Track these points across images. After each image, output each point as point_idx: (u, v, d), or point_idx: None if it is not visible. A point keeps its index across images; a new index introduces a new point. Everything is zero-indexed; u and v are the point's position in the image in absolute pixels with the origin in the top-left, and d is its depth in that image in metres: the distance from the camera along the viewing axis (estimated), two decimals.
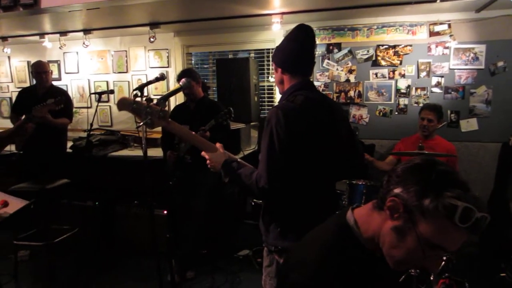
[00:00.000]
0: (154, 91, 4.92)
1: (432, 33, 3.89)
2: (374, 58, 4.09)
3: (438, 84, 3.94)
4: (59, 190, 3.53)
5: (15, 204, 1.79)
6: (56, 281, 3.40)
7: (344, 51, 4.18)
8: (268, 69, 4.60)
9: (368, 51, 4.10)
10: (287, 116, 1.54)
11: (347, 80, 4.22)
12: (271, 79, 4.59)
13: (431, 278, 2.45)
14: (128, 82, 5.10)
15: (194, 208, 3.38)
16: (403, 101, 4.06)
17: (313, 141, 1.60)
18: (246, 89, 4.12)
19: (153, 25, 4.24)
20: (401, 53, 3.99)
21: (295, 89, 1.66)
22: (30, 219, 3.67)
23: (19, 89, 4.34)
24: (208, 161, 1.71)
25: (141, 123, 1.71)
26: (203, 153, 1.72)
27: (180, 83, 1.94)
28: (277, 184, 1.53)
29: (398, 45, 3.99)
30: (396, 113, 4.09)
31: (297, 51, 1.67)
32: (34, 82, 4.14)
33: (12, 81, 5.80)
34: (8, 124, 5.01)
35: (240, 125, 4.08)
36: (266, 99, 4.68)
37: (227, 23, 4.25)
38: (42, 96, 3.83)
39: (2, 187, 2.15)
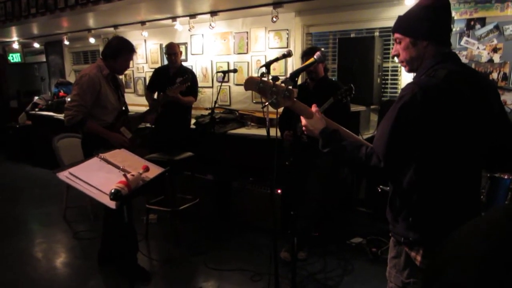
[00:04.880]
0: (272, 72, 4.96)
1: None
2: None
3: None
4: (184, 162, 3.82)
5: (154, 170, 1.95)
6: (179, 244, 3.71)
7: (489, 27, 3.64)
8: None
9: None
10: (426, 94, 1.33)
11: (490, 60, 3.68)
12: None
13: None
14: (248, 63, 5.23)
15: (309, 190, 3.35)
16: None
17: (456, 123, 1.38)
18: (369, 70, 3.89)
19: (277, 4, 4.23)
20: None
21: (437, 62, 1.44)
22: (159, 186, 4.07)
23: (152, 69, 4.75)
24: (304, 128, 1.63)
25: (266, 103, 1.67)
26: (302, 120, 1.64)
27: (315, 56, 1.87)
28: (393, 165, 1.37)
29: None
30: None
31: (440, 15, 1.44)
32: (166, 62, 4.50)
33: (146, 62, 6.42)
34: (142, 101, 5.60)
35: (361, 108, 3.89)
36: (389, 82, 4.37)
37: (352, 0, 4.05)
38: (172, 76, 4.16)
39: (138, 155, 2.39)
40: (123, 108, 3.19)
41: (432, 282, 1.02)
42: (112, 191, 1.52)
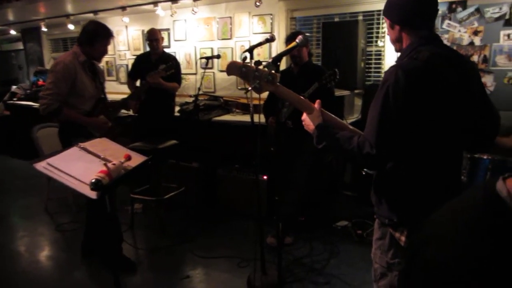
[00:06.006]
0: (256, 57, 4.92)
1: None
2: (507, 17, 3.51)
3: None
4: (169, 150, 3.78)
5: (137, 159, 1.92)
6: (165, 233, 3.69)
7: (470, 10, 3.65)
8: (377, 32, 4.26)
9: (501, 9, 3.52)
10: (409, 76, 1.33)
11: (471, 43, 3.71)
12: (380, 43, 4.25)
13: None
14: (232, 48, 5.17)
15: (295, 176, 3.35)
16: None
17: (440, 104, 1.38)
18: (352, 54, 3.88)
19: None
20: None
21: (419, 44, 1.44)
22: (143, 176, 4.02)
23: (135, 57, 4.66)
24: (303, 122, 1.63)
25: (249, 88, 1.65)
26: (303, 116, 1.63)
27: (297, 40, 1.84)
28: (385, 151, 1.37)
29: None
30: None
31: (410, 1, 1.45)
32: (148, 49, 4.41)
33: (128, 49, 6.29)
34: (125, 89, 5.49)
35: (345, 92, 3.89)
36: (373, 66, 4.37)
37: None
38: (155, 62, 4.08)
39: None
40: (102, 96, 3.11)
41: (412, 259, 1.03)
42: (93, 181, 1.49)
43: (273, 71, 1.63)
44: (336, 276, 2.92)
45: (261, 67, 1.68)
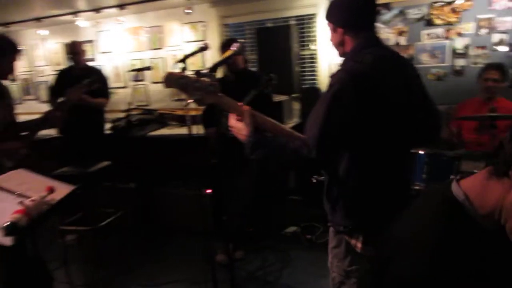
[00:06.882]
0: (191, 66, 4.75)
1: None
2: (427, 17, 3.71)
3: (501, 42, 3.52)
4: (101, 173, 3.49)
5: (62, 189, 1.68)
6: (104, 265, 3.38)
7: (394, 12, 3.81)
8: (309, 36, 4.31)
9: (420, 10, 3.72)
10: (356, 81, 1.32)
11: (397, 44, 3.87)
12: (313, 47, 4.30)
13: None
14: (163, 59, 4.96)
15: (240, 186, 3.25)
16: (460, 62, 3.69)
17: (386, 107, 1.38)
18: (287, 59, 3.89)
19: None
20: (459, 10, 3.59)
21: (362, 47, 1.43)
22: (75, 203, 3.66)
23: (55, 72, 4.30)
24: (232, 129, 1.52)
25: (190, 101, 1.52)
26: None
27: (234, 47, 1.73)
28: (326, 154, 1.36)
29: (456, 1, 3.59)
30: (452, 75, 3.74)
31: (352, 1, 1.45)
32: (70, 64, 4.09)
33: (48, 65, 5.81)
34: (46, 108, 5.03)
35: (283, 97, 3.87)
36: (307, 69, 4.41)
37: None
38: (78, 77, 3.76)
39: (44, 172, 2.05)
40: (10, 119, 2.72)
41: (380, 274, 0.98)
42: (5, 224, 1.25)
43: (214, 81, 1.52)
44: (292, 287, 2.85)
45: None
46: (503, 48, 3.52)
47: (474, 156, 2.97)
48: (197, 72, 1.53)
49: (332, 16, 1.50)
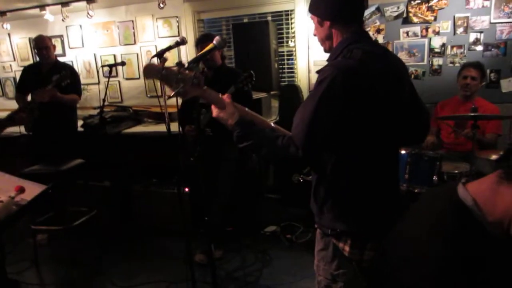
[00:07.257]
0: (166, 62, 4.64)
1: None
2: (405, 15, 3.74)
3: (476, 41, 3.60)
4: (74, 171, 3.35)
5: (32, 189, 1.57)
6: (77, 265, 3.25)
7: (371, 9, 3.83)
8: (287, 33, 4.27)
9: (398, 8, 3.75)
10: (345, 76, 1.27)
11: (375, 41, 3.89)
12: (291, 44, 4.27)
13: None
14: (137, 54, 4.82)
15: (219, 184, 3.18)
16: (437, 61, 3.74)
17: (375, 104, 1.33)
18: (265, 55, 3.84)
19: None
20: (436, 8, 3.64)
21: (350, 41, 1.38)
22: (47, 202, 3.50)
23: (22, 68, 4.10)
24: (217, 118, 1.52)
25: (173, 94, 1.44)
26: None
27: (214, 41, 1.66)
28: (313, 153, 1.31)
29: None
30: (430, 74, 3.78)
31: None
32: (38, 59, 3.90)
33: (14, 60, 5.54)
34: (13, 105, 4.80)
35: (261, 95, 3.83)
36: (285, 66, 4.38)
37: None
38: (46, 73, 3.61)
39: (14, 171, 1.92)
40: None
41: (383, 281, 0.94)
42: None
43: (197, 74, 1.45)
44: (272, 287, 2.80)
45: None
46: (479, 48, 3.59)
47: (454, 156, 3.03)
48: (179, 63, 1.46)
49: (317, 8, 1.44)
